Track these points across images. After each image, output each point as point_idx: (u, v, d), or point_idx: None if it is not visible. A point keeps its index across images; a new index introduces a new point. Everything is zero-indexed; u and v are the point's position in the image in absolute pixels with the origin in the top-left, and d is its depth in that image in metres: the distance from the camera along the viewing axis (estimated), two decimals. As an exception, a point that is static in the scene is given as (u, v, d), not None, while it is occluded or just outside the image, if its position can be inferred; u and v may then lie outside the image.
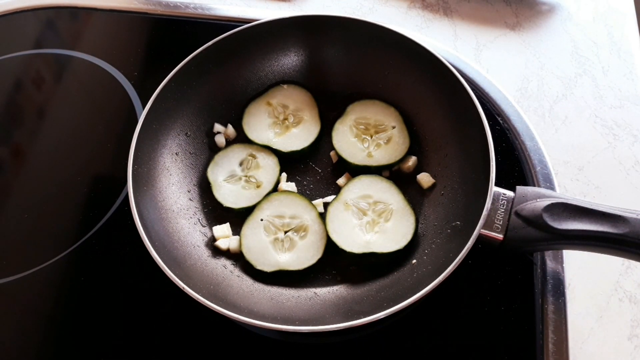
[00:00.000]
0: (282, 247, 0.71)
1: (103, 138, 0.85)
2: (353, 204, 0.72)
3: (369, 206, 0.72)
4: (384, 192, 0.73)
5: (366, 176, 0.74)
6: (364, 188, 0.73)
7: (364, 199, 0.73)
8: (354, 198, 0.72)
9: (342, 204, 0.72)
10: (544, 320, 0.65)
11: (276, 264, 0.69)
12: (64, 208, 0.78)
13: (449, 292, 0.66)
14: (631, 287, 0.69)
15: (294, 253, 0.70)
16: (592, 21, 0.93)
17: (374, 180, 0.74)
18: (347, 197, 0.72)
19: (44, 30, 0.99)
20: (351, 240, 0.70)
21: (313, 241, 0.71)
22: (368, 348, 0.66)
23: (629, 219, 0.58)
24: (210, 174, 0.76)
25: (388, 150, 0.77)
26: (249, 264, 0.70)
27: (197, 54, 0.76)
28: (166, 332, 0.68)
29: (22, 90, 0.92)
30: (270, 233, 0.71)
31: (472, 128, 0.69)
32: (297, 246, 0.71)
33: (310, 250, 0.70)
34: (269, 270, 0.69)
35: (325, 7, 0.98)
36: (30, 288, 0.72)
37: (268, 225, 0.72)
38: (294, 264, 0.69)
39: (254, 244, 0.71)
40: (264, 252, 0.70)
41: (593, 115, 0.83)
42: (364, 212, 0.72)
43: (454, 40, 0.92)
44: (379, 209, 0.72)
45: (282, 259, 0.70)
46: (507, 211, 0.63)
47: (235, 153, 0.78)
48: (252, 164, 0.77)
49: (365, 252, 0.69)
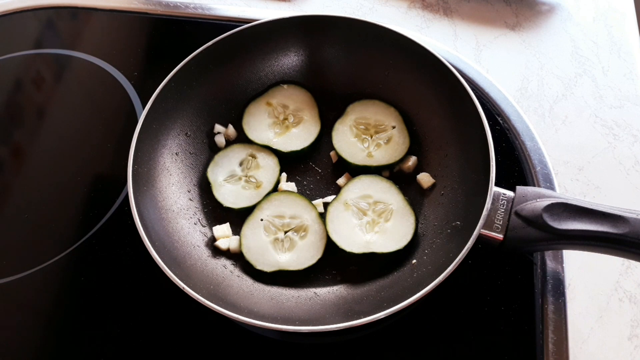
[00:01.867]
0: (282, 247, 0.71)
1: (103, 138, 0.85)
2: (353, 204, 0.72)
3: (369, 206, 0.72)
4: (384, 192, 0.73)
5: (366, 176, 0.74)
6: (364, 188, 0.73)
7: (364, 199, 0.73)
8: (354, 198, 0.72)
9: (342, 204, 0.72)
10: (544, 320, 0.65)
11: (276, 264, 0.69)
12: (64, 208, 0.78)
13: (449, 292, 0.66)
14: (631, 287, 0.69)
15: (294, 253, 0.70)
16: (592, 21, 0.93)
17: (374, 180, 0.74)
18: (347, 197, 0.72)
19: (44, 30, 0.99)
20: (351, 240, 0.70)
21: (313, 241, 0.71)
22: (368, 348, 0.66)
23: (629, 219, 0.58)
24: (210, 174, 0.76)
25: (388, 150, 0.77)
26: (249, 264, 0.70)
27: (197, 54, 0.76)
28: (166, 332, 0.68)
29: (22, 90, 0.92)
30: (270, 233, 0.71)
31: (472, 128, 0.69)
32: (297, 246, 0.71)
33: (310, 250, 0.70)
34: (269, 270, 0.69)
35: (325, 7, 0.98)
36: (30, 288, 0.72)
37: (268, 225, 0.72)
38: (294, 264, 0.69)
39: (254, 244, 0.71)
40: (264, 252, 0.70)
41: (593, 115, 0.83)
42: (364, 212, 0.72)
43: (454, 40, 0.92)
44: (379, 209, 0.72)
45: (282, 259, 0.70)
46: (507, 211, 0.63)
47: (235, 153, 0.78)
48: (252, 164, 0.77)
49: (365, 252, 0.69)
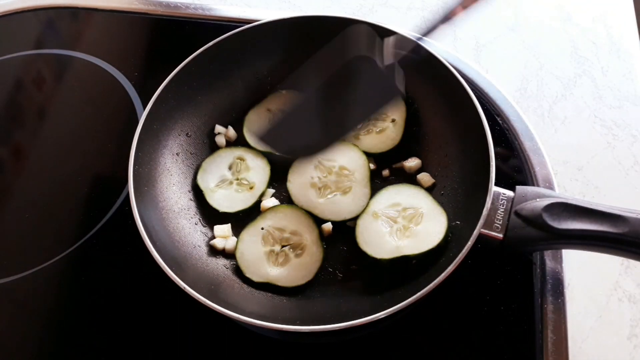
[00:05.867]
0: (275, 261, 0.69)
1: (103, 138, 0.85)
2: (382, 214, 0.70)
3: (399, 213, 0.70)
4: (412, 197, 0.71)
5: (393, 186, 0.72)
6: (392, 197, 0.71)
7: (393, 207, 0.71)
8: (382, 208, 0.71)
9: (371, 214, 0.70)
10: (543, 320, 0.65)
11: (266, 275, 0.68)
12: (64, 208, 0.79)
13: (449, 292, 0.66)
14: (631, 286, 0.69)
15: (285, 269, 0.69)
16: (592, 21, 0.94)
17: (401, 188, 0.72)
18: (375, 208, 0.71)
19: (44, 30, 0.99)
20: (381, 248, 0.68)
21: (307, 262, 0.69)
22: (368, 348, 0.66)
23: (629, 218, 0.58)
24: (200, 181, 0.75)
25: (375, 139, 0.77)
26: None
27: (197, 54, 0.76)
28: (167, 332, 0.68)
29: (22, 90, 0.92)
30: (268, 244, 0.70)
31: (472, 128, 0.69)
32: (291, 263, 0.69)
33: (302, 270, 0.69)
34: (257, 280, 0.68)
35: (325, 7, 0.98)
36: (30, 288, 0.72)
37: (267, 235, 0.71)
38: (283, 280, 0.68)
39: (249, 250, 0.70)
40: (256, 260, 0.69)
41: (592, 115, 0.83)
42: (393, 220, 0.70)
43: (454, 40, 0.92)
44: (409, 215, 0.70)
45: (273, 273, 0.68)
46: (507, 211, 0.63)
47: (222, 158, 0.77)
48: (241, 167, 0.77)
49: (395, 257, 0.67)
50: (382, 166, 0.78)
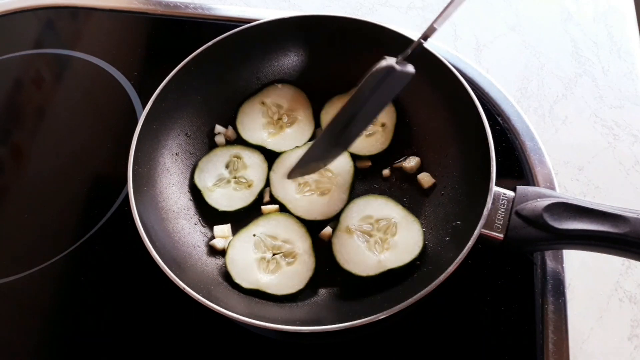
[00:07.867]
0: (266, 268, 0.69)
1: (103, 138, 0.85)
2: (355, 229, 0.70)
3: (372, 226, 0.70)
4: (382, 208, 0.71)
5: (360, 198, 0.72)
6: (361, 209, 0.71)
7: (365, 220, 0.71)
8: (354, 223, 0.71)
9: (344, 231, 0.70)
10: (544, 320, 0.65)
11: (256, 282, 0.68)
12: (64, 208, 0.78)
13: (449, 292, 0.66)
14: (631, 287, 0.69)
15: (276, 277, 0.68)
16: (592, 21, 0.93)
17: (368, 200, 0.72)
18: (347, 223, 0.71)
19: (44, 30, 0.99)
20: (364, 265, 0.68)
21: (299, 271, 0.68)
22: (368, 348, 0.66)
23: (630, 218, 0.58)
24: (198, 181, 0.75)
25: (364, 142, 0.77)
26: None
27: (197, 54, 0.76)
28: (166, 332, 0.68)
29: (22, 90, 0.92)
30: (259, 251, 0.70)
31: (472, 128, 0.69)
32: (282, 271, 0.69)
33: (293, 279, 0.68)
34: (247, 286, 0.67)
35: (325, 7, 0.98)
36: (30, 288, 0.72)
37: (259, 242, 0.70)
38: (273, 287, 0.67)
39: (240, 257, 0.69)
40: (246, 267, 0.68)
41: (593, 115, 0.83)
42: (369, 233, 0.70)
43: (454, 40, 0.92)
44: (382, 226, 0.70)
45: (263, 280, 0.68)
46: (507, 211, 0.63)
47: (218, 157, 0.77)
48: (238, 165, 0.77)
49: (381, 272, 0.67)
50: (383, 166, 0.77)
